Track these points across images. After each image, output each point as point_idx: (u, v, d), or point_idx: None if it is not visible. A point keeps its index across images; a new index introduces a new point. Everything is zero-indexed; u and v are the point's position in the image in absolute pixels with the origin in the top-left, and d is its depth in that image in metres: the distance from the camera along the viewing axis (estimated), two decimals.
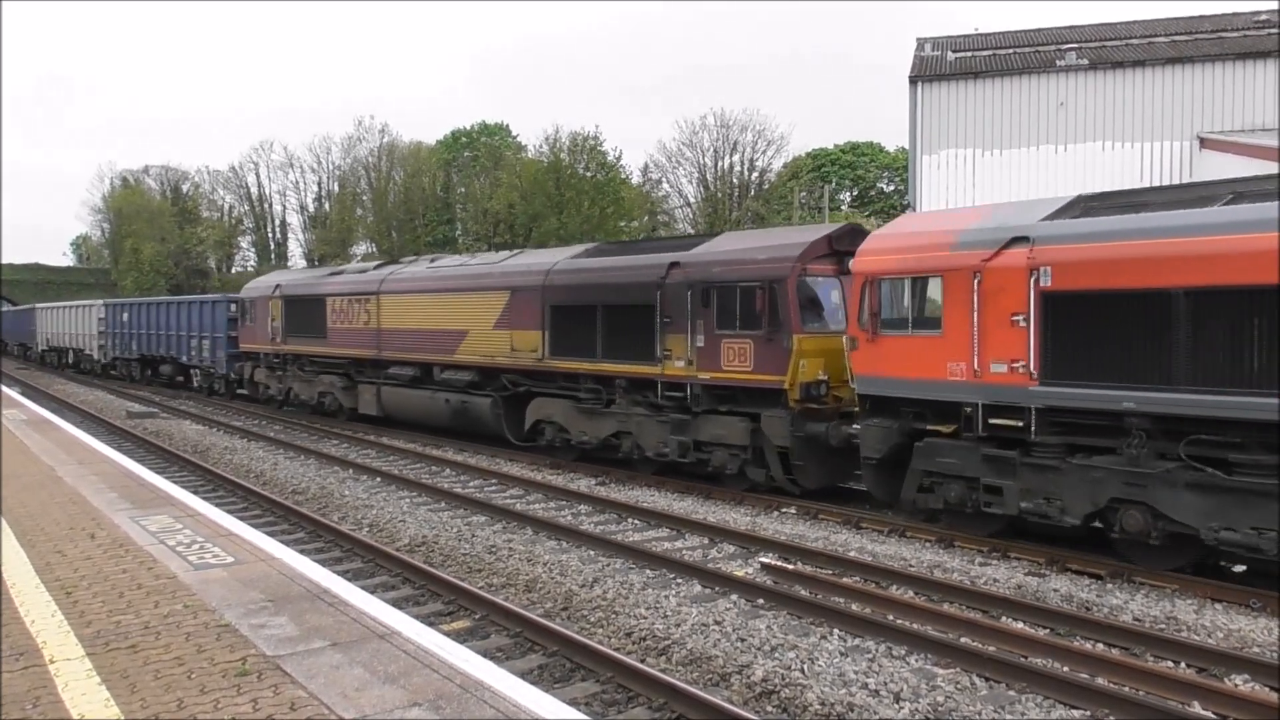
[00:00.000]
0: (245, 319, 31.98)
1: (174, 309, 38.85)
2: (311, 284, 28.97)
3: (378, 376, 25.47)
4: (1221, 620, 10.00)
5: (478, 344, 21.70)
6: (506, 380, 21.29)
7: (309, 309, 28.18)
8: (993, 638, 9.40)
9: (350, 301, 26.18)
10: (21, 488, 12.92)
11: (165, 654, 6.54)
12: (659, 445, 17.77)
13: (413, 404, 24.16)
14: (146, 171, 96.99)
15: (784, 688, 8.25)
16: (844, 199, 68.89)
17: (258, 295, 31.44)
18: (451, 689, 5.94)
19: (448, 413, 22.82)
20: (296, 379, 29.47)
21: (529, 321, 20.28)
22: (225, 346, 34.54)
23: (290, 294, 29.38)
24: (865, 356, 14.15)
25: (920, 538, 13.73)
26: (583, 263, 20.04)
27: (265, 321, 30.46)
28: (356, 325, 25.88)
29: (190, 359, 37.57)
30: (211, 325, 35.39)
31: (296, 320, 28.83)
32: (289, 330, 29.17)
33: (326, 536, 14.25)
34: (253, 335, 31.58)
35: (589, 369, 19.04)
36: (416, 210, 74.67)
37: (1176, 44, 36.39)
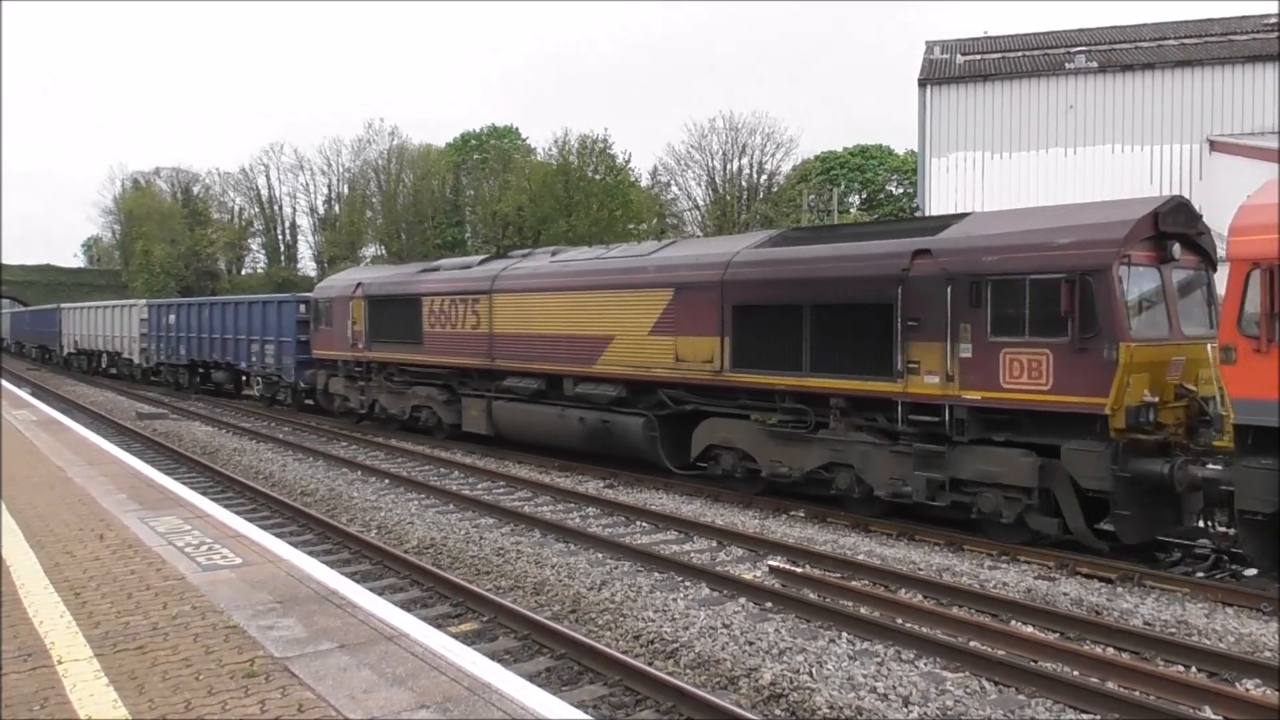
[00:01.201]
0: (319, 322, 28.61)
1: (231, 310, 35.14)
2: (402, 282, 25.33)
3: (488, 389, 22.07)
4: (1233, 624, 9.96)
5: (626, 353, 18.25)
6: (666, 396, 17.90)
7: (400, 311, 24.70)
8: (1002, 641, 9.37)
9: (453, 302, 22.75)
10: (31, 488, 12.94)
11: (173, 655, 6.54)
12: (894, 483, 14.08)
13: (536, 422, 20.78)
14: (157, 173, 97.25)
15: (792, 691, 8.23)
16: (853, 202, 68.81)
17: (335, 295, 27.81)
18: (459, 691, 5.93)
19: (582, 434, 19.48)
20: (383, 391, 25.96)
21: (701, 325, 16.77)
22: (294, 352, 30.54)
23: (376, 293, 25.88)
24: (1252, 372, 10.56)
25: (929, 541, 13.69)
26: (779, 253, 16.26)
27: (344, 325, 26.96)
28: (462, 329, 22.42)
29: (251, 365, 33.76)
30: (277, 328, 31.41)
31: (384, 323, 25.45)
32: (374, 335, 25.75)
33: (335, 538, 14.25)
34: (328, 340, 28.06)
35: (791, 384, 15.41)
36: (425, 213, 74.71)
37: (1186, 47, 36.31)
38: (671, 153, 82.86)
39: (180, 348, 39.32)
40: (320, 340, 28.70)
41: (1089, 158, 35.42)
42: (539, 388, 20.48)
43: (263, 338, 32.23)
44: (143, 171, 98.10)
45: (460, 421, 23.06)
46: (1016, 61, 38.12)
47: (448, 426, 23.69)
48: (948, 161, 37.06)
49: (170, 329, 39.98)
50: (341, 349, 27.26)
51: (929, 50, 40.72)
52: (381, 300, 25.60)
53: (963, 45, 41.08)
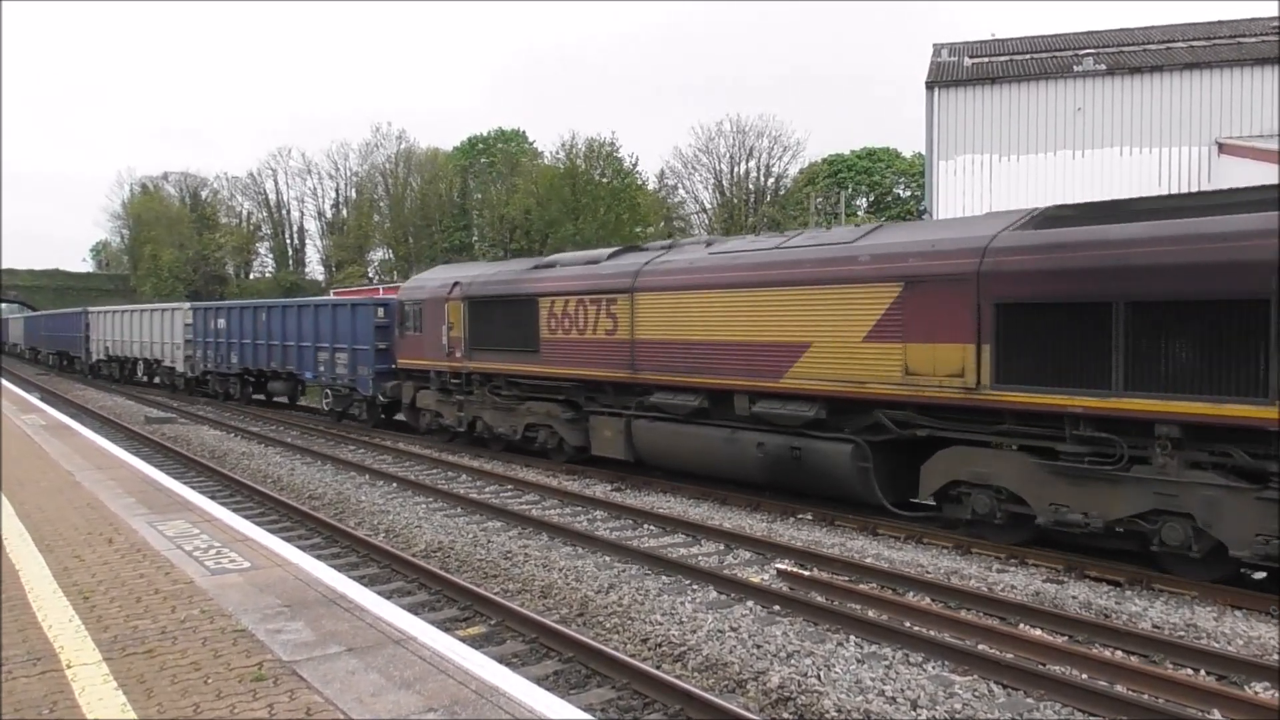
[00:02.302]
0: (404, 327, 25.35)
1: (294, 314, 31.71)
2: (512, 281, 21.80)
3: (627, 406, 18.81)
4: (1241, 627, 9.93)
5: (829, 364, 14.65)
6: (888, 419, 14.28)
7: (510, 314, 21.32)
8: (1010, 644, 9.35)
9: (580, 304, 19.39)
10: (40, 493, 12.98)
11: (182, 659, 6.55)
12: (1264, 541, 10.54)
13: (694, 447, 17.33)
14: (165, 178, 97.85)
15: (800, 694, 8.22)
16: (860, 205, 68.78)
17: (426, 297, 24.52)
18: (467, 694, 5.93)
19: (760, 463, 16.06)
20: (488, 407, 22.58)
21: (944, 329, 13.20)
22: (371, 362, 27.20)
23: (479, 294, 22.43)
24: None
25: (937, 544, 13.67)
26: (1069, 235, 12.35)
27: (437, 331, 23.76)
28: (593, 335, 19.03)
29: (318, 376, 30.38)
30: (351, 335, 28.08)
31: (489, 329, 22.04)
32: (477, 342, 22.39)
33: (343, 542, 14.26)
34: (416, 348, 24.81)
35: (1094, 407, 11.74)
36: (433, 216, 74.93)
37: (1194, 49, 36.25)
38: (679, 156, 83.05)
39: (231, 355, 35.87)
40: (406, 348, 25.38)
41: (1097, 160, 35.36)
42: (699, 405, 17.06)
43: (333, 345, 28.93)
44: (151, 176, 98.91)
45: (587, 443, 19.96)
46: (1024, 64, 38.07)
47: (571, 449, 20.52)
48: (955, 164, 37.01)
49: (220, 334, 36.68)
50: (434, 358, 23.98)
51: (936, 53, 40.68)
52: (486, 302, 22.18)
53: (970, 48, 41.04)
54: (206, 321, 37.75)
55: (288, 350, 31.76)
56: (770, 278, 15.77)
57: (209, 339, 37.48)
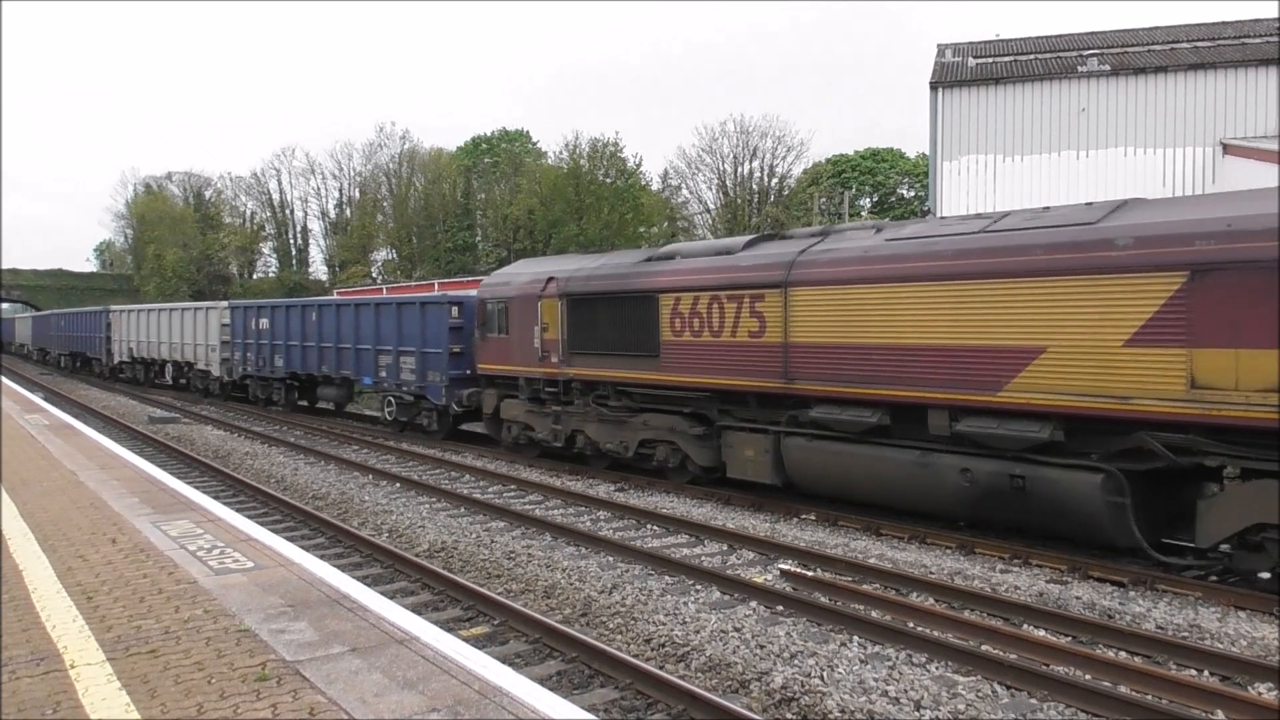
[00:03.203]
0: (486, 328, 22.67)
1: (351, 314, 28.82)
2: (626, 275, 18.91)
3: (775, 421, 16.04)
4: (1245, 628, 9.92)
5: (1072, 372, 11.94)
6: (1160, 443, 11.48)
7: (623, 312, 18.64)
8: (1014, 645, 9.34)
9: (716, 300, 16.65)
10: (43, 493, 12.99)
11: (185, 659, 6.56)
12: None
13: (870, 472, 14.50)
14: (169, 177, 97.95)
15: (804, 695, 8.21)
16: (864, 205, 68.71)
17: (514, 294, 21.75)
18: (470, 694, 5.93)
19: (966, 493, 13.24)
20: (592, 419, 19.84)
21: (1254, 331, 10.51)
22: (445, 367, 24.44)
23: (582, 290, 19.67)
24: None
25: (941, 545, 13.66)
26: None
27: (527, 332, 21.09)
28: (731, 337, 16.33)
29: (379, 382, 27.44)
30: (420, 336, 25.31)
31: (594, 330, 19.36)
32: (578, 345, 19.74)
33: (346, 542, 14.28)
34: (502, 352, 22.16)
35: None
36: (437, 216, 74.90)
37: (1199, 50, 36.20)
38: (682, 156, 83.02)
39: (276, 358, 32.71)
40: (488, 352, 22.68)
41: (1101, 160, 35.30)
42: (876, 422, 14.33)
43: (397, 348, 26.22)
44: (155, 176, 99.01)
45: (718, 463, 17.30)
46: (1028, 64, 38.01)
47: (697, 469, 17.81)
48: (959, 164, 36.96)
49: (263, 335, 33.48)
50: (524, 363, 21.32)
51: (940, 53, 40.63)
52: (590, 300, 19.45)
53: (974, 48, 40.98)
54: (247, 321, 34.57)
55: (343, 353, 28.95)
56: (982, 268, 12.93)
57: (249, 340, 34.42)
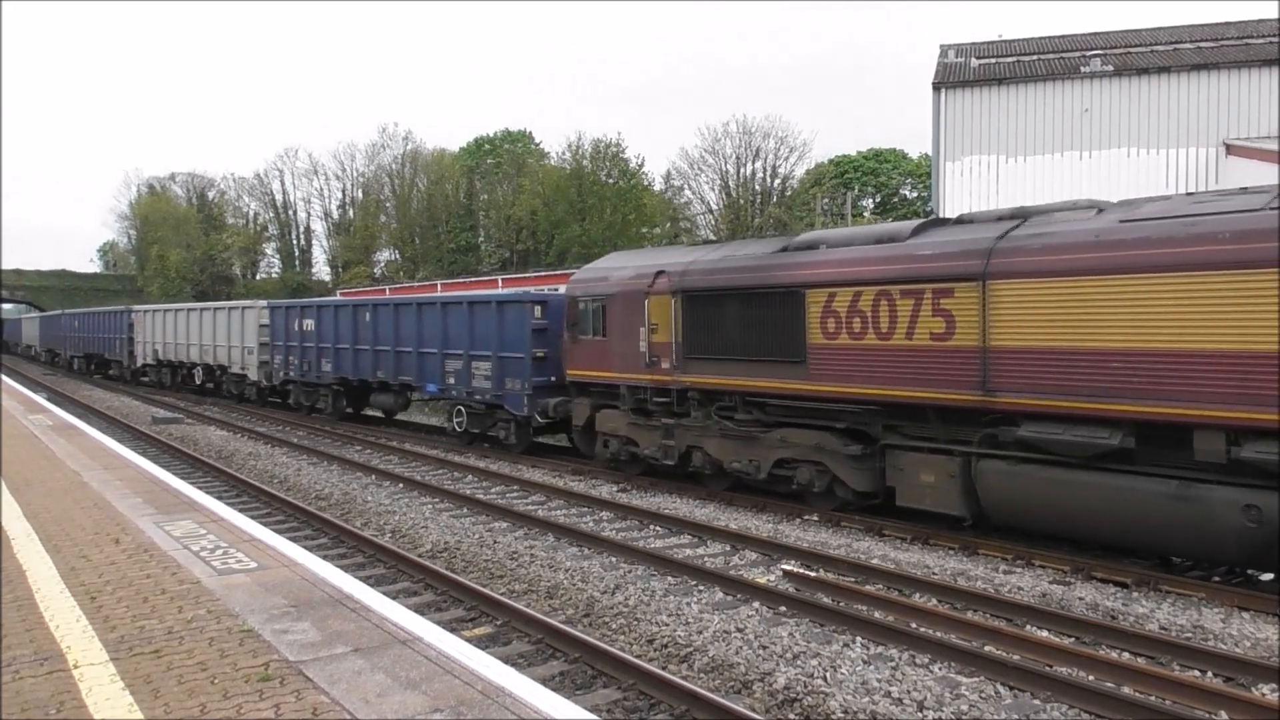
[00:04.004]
0: (577, 329, 20.11)
1: (412, 314, 26.00)
2: (761, 268, 16.27)
3: (964, 439, 13.47)
4: (1249, 629, 9.90)
5: None
6: None
7: (757, 311, 16.05)
8: (1017, 646, 9.33)
9: (884, 296, 14.04)
10: (47, 493, 13.00)
11: (188, 659, 6.56)
12: None
13: (1104, 506, 11.80)
14: (173, 178, 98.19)
15: (806, 696, 8.21)
16: (866, 205, 68.71)
17: (615, 291, 19.14)
18: (473, 695, 5.93)
19: (1252, 536, 10.55)
20: (713, 434, 17.19)
21: None
22: (527, 373, 21.86)
23: (703, 286, 17.12)
24: None
25: (944, 545, 13.65)
26: None
27: (632, 333, 18.55)
28: (907, 339, 13.72)
29: (446, 389, 24.72)
30: (498, 339, 22.72)
31: (718, 331, 16.82)
32: (697, 348, 17.21)
33: (349, 542, 14.28)
34: (598, 356, 19.63)
35: None
36: (439, 217, 74.93)
37: (1202, 50, 36.19)
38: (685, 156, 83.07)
39: (323, 362, 29.98)
40: (581, 356, 20.15)
41: (1104, 161, 35.30)
42: (1116, 445, 11.63)
43: (468, 351, 23.65)
44: (158, 177, 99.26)
45: (878, 487, 14.84)
46: (1031, 65, 38.01)
47: (851, 494, 15.20)
48: (962, 165, 36.97)
49: (308, 337, 30.70)
50: (627, 369, 18.82)
51: (943, 54, 40.63)
52: (713, 297, 16.93)
53: (977, 49, 40.98)
54: (289, 322, 31.79)
55: (402, 358, 26.32)
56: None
57: (292, 343, 31.67)
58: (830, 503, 15.66)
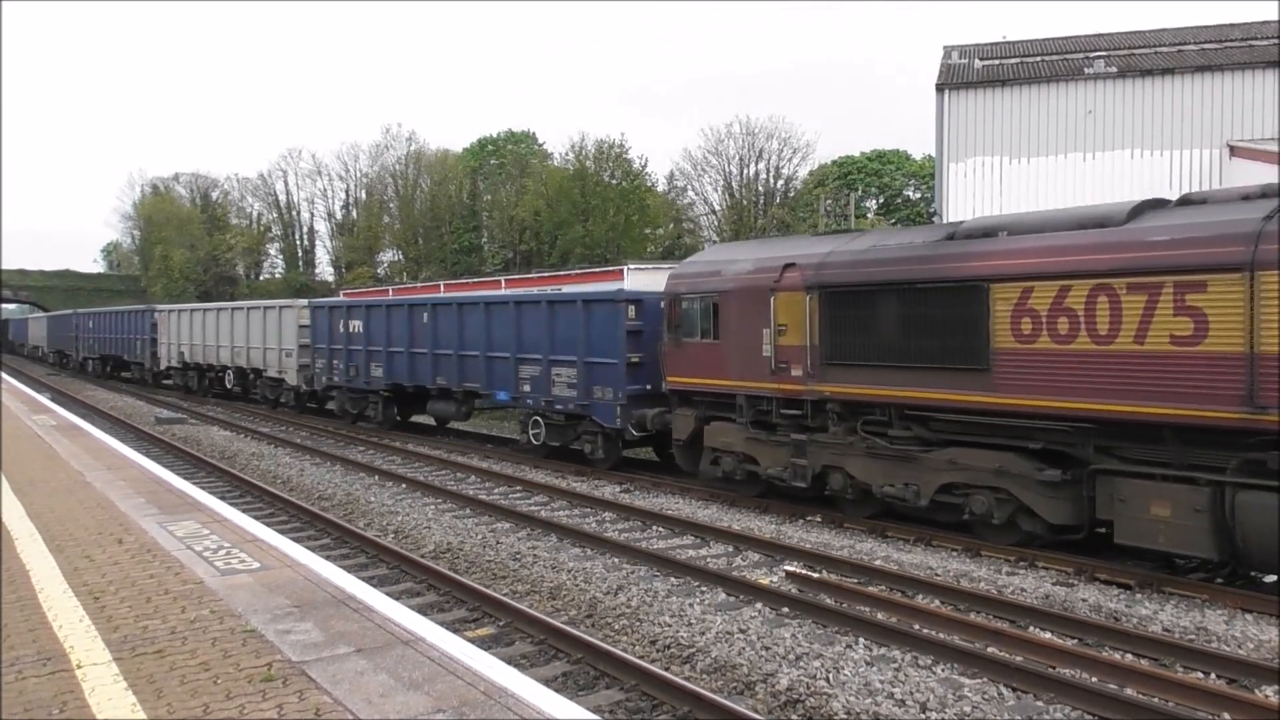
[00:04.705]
0: (680, 331, 17.76)
1: (479, 314, 23.64)
2: (927, 257, 13.90)
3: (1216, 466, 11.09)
4: (1252, 631, 9.90)
5: None
6: None
7: (923, 309, 13.77)
8: (1020, 647, 9.33)
9: (1101, 291, 11.82)
10: (50, 493, 13.01)
11: (191, 659, 6.56)
12: None
13: None
14: (176, 179, 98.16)
15: (809, 697, 8.21)
16: (870, 207, 68.66)
17: (731, 287, 16.80)
18: (475, 695, 5.93)
19: None
20: (858, 452, 14.90)
21: None
22: (621, 381, 19.47)
23: (848, 279, 14.82)
24: None
25: (946, 547, 13.65)
26: None
27: (753, 335, 16.21)
28: (1134, 344, 11.50)
29: (520, 397, 22.27)
30: (583, 340, 20.33)
31: (867, 332, 14.51)
32: (840, 352, 14.87)
33: (352, 543, 14.30)
34: (707, 361, 17.18)
35: None
36: (443, 218, 74.88)
37: (1206, 52, 36.15)
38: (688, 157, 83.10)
39: (373, 367, 27.56)
40: (685, 361, 17.74)
41: (1108, 162, 35.25)
42: None
43: (549, 356, 21.30)
44: (162, 177, 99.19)
45: (1080, 520, 12.54)
46: (1035, 66, 37.97)
47: (1043, 527, 12.88)
48: (966, 166, 36.93)
49: (355, 339, 28.19)
50: (745, 376, 16.47)
51: (947, 55, 40.60)
52: (862, 293, 14.61)
53: (981, 50, 40.95)
54: (334, 323, 29.22)
55: (467, 362, 24.02)
56: None
57: (336, 345, 29.03)
58: (1010, 536, 13.31)
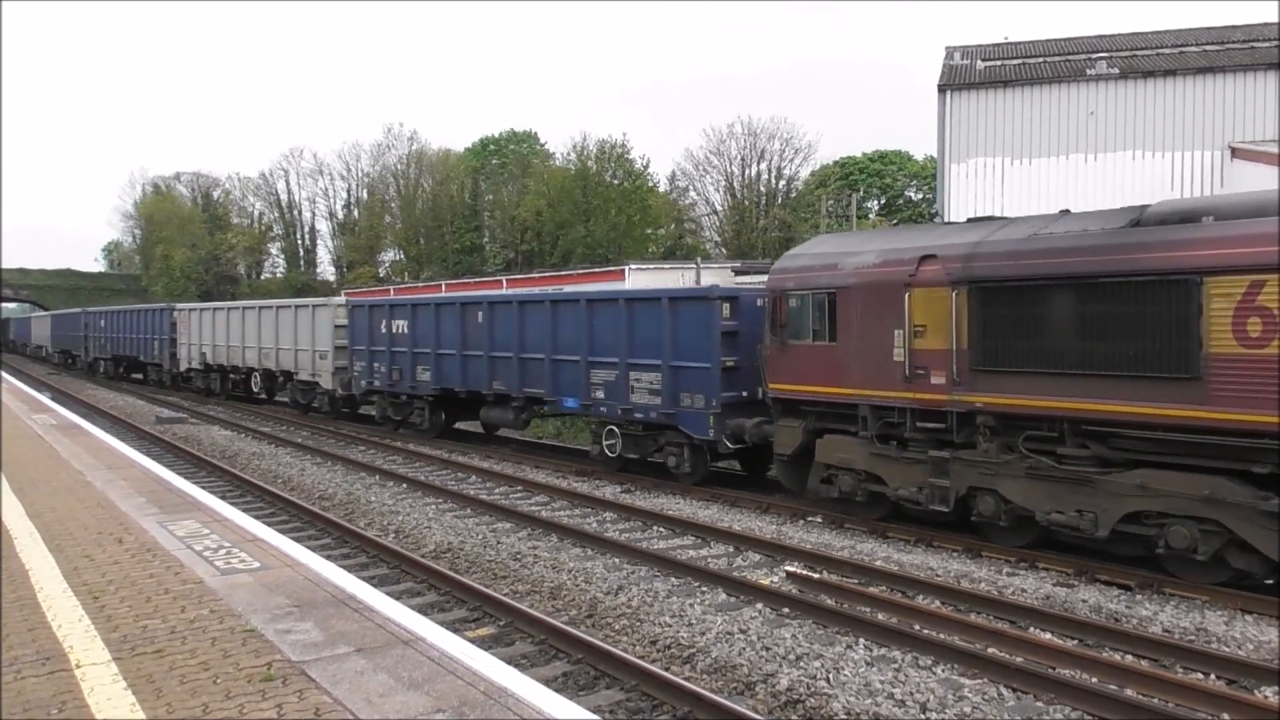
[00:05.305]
0: (788, 331, 15.74)
1: (544, 313, 21.63)
2: (1115, 246, 11.85)
3: None
4: (1252, 632, 9.89)
5: None
6: None
7: (1107, 307, 11.77)
8: (1020, 648, 9.33)
9: None
10: (51, 492, 13.01)
11: (191, 659, 6.56)
12: None
13: None
14: (178, 178, 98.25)
15: (809, 697, 8.21)
16: (871, 207, 68.68)
17: (853, 281, 14.76)
18: (475, 695, 5.93)
19: None
20: (1015, 473, 12.85)
21: None
22: (714, 387, 17.54)
23: (1009, 272, 12.75)
24: None
25: (947, 547, 13.64)
26: None
27: (882, 336, 14.22)
28: None
29: (592, 405, 20.29)
30: (668, 344, 18.43)
31: (1034, 334, 12.47)
32: (996, 356, 12.86)
33: (353, 542, 14.29)
34: (821, 366, 15.18)
35: None
36: (444, 218, 74.91)
37: (1208, 53, 36.13)
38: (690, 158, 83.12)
39: (419, 370, 25.58)
40: (793, 366, 15.67)
41: (1110, 164, 35.23)
42: None
43: (626, 359, 19.37)
44: (163, 176, 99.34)
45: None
46: (1037, 67, 37.95)
47: (1261, 568, 11.07)
48: (967, 167, 36.91)
49: (400, 341, 26.24)
50: (870, 383, 14.45)
51: (949, 55, 40.59)
52: (1029, 288, 12.56)
53: (983, 51, 40.93)
54: (375, 323, 27.30)
55: (529, 366, 22.03)
56: None
57: (378, 347, 27.06)
58: (1217, 575, 11.35)
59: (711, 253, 61.41)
